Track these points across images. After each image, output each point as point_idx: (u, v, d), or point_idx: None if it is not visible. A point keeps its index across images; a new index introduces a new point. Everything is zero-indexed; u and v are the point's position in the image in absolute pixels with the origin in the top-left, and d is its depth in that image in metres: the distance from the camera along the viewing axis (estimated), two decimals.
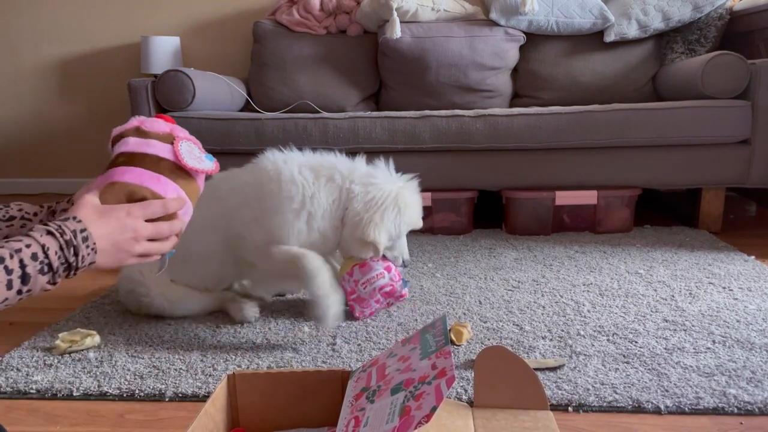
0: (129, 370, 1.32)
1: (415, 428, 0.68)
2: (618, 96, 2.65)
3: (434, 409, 0.69)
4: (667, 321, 1.50)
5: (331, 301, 1.38)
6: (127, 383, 1.26)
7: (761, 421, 1.08)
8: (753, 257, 1.99)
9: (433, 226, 2.41)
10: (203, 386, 1.24)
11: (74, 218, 0.79)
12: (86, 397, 1.23)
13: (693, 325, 1.46)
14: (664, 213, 2.71)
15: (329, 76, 2.84)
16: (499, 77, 2.75)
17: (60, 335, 1.44)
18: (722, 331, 1.43)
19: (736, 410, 1.10)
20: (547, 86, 2.75)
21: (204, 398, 1.20)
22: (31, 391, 1.25)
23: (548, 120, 2.27)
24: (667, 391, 1.16)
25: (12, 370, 1.33)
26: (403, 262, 1.63)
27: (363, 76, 2.87)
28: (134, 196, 0.88)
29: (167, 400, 1.21)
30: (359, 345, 1.41)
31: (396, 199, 1.51)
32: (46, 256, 0.75)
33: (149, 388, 1.24)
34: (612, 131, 2.25)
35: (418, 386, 0.76)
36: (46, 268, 0.75)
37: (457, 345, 1.39)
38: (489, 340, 1.42)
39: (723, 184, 2.30)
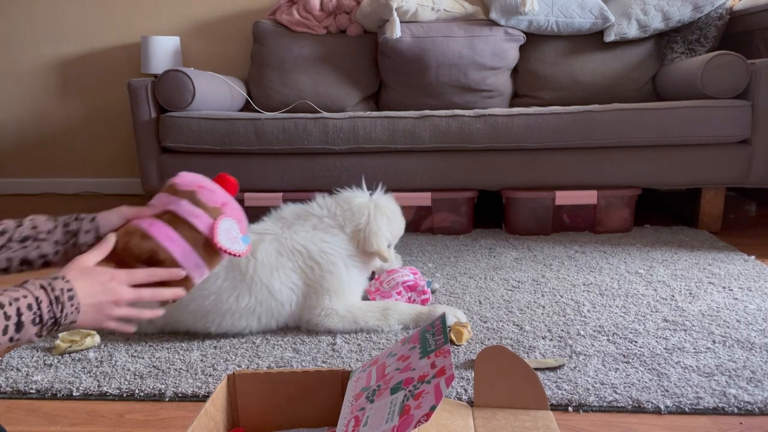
0: (129, 370, 1.32)
1: (415, 427, 0.68)
2: (618, 96, 2.65)
3: (434, 408, 0.69)
4: (667, 321, 1.50)
5: (443, 311, 1.49)
6: (127, 383, 1.26)
7: (761, 421, 1.08)
8: (753, 257, 1.99)
9: (433, 226, 2.41)
10: (203, 386, 1.24)
11: (62, 278, 0.83)
12: (86, 397, 1.23)
13: (693, 325, 1.46)
14: (664, 213, 2.71)
15: (329, 76, 2.84)
16: (499, 77, 2.75)
17: (60, 335, 1.44)
18: (722, 331, 1.43)
19: (736, 410, 1.10)
20: (547, 86, 2.75)
21: (204, 398, 1.20)
22: (31, 391, 1.25)
23: (548, 120, 2.27)
24: (667, 391, 1.16)
25: (12, 370, 1.33)
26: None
27: (363, 76, 2.87)
28: (155, 256, 0.90)
29: (167, 400, 1.21)
30: (359, 345, 1.41)
31: (380, 208, 1.58)
32: (39, 308, 0.78)
33: (149, 388, 1.24)
34: (612, 131, 2.25)
35: (418, 385, 0.76)
36: (37, 320, 0.78)
37: (457, 345, 1.39)
38: (489, 340, 1.42)
39: (723, 184, 2.30)
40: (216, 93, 2.62)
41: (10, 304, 0.76)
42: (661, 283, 1.77)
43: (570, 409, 1.13)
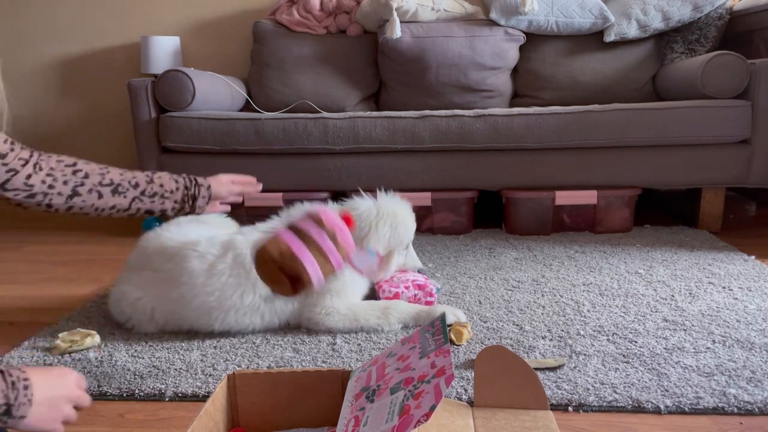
0: (129, 370, 1.32)
1: (415, 427, 0.68)
2: (618, 96, 2.65)
3: (433, 407, 0.69)
4: (667, 321, 1.50)
5: (443, 311, 1.50)
6: (127, 383, 1.26)
7: (761, 421, 1.08)
8: (753, 257, 1.99)
9: (433, 226, 2.41)
10: (203, 386, 1.24)
11: (20, 368, 0.82)
12: None
13: (693, 325, 1.46)
14: (664, 213, 2.71)
15: (329, 76, 2.84)
16: (499, 77, 2.75)
17: (60, 335, 1.44)
18: (722, 331, 1.43)
19: (736, 410, 1.10)
20: (547, 86, 2.75)
21: (204, 398, 1.20)
22: None
23: (548, 120, 2.27)
24: (667, 391, 1.16)
25: None
26: (418, 270, 1.71)
27: (363, 76, 2.87)
28: (299, 276, 1.09)
29: (167, 400, 1.21)
30: (359, 345, 1.41)
31: (382, 218, 1.57)
32: None
33: (149, 388, 1.24)
34: (612, 131, 2.25)
35: (418, 385, 0.76)
36: None
37: (457, 345, 1.39)
38: (489, 340, 1.42)
39: (723, 184, 2.30)
40: (216, 93, 2.62)
41: None
42: (661, 283, 1.77)
43: (570, 409, 1.13)
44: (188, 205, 1.20)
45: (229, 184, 1.30)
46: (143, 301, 1.49)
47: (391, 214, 1.58)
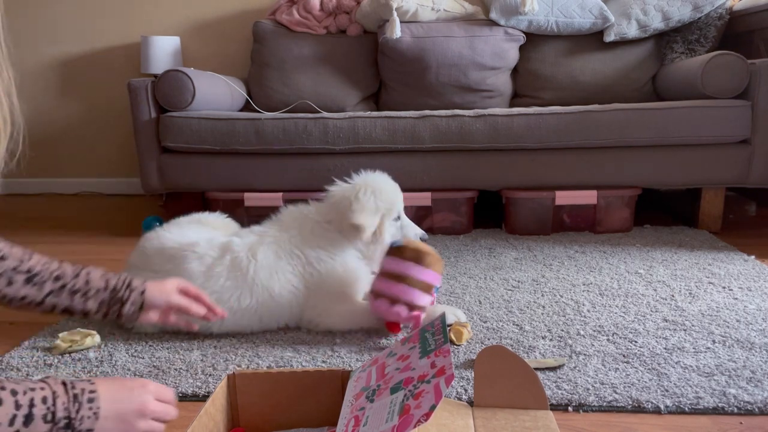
0: (129, 370, 1.32)
1: (415, 426, 0.68)
2: (618, 96, 2.65)
3: (433, 407, 0.69)
4: (667, 321, 1.50)
5: (443, 311, 1.49)
6: None
7: (761, 420, 1.08)
8: (753, 257, 1.99)
9: (433, 226, 2.41)
10: (203, 386, 1.24)
11: (88, 380, 0.79)
12: None
13: (693, 325, 1.46)
14: (664, 213, 2.71)
15: (329, 76, 2.84)
16: (499, 77, 2.75)
17: (60, 335, 1.44)
18: (722, 330, 1.43)
19: (736, 410, 1.10)
20: (547, 86, 2.75)
21: (204, 398, 1.20)
22: None
23: (548, 120, 2.27)
24: (667, 390, 1.16)
25: (12, 370, 1.33)
26: (420, 238, 1.66)
27: (363, 76, 2.87)
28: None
29: None
30: (359, 345, 1.41)
31: (360, 188, 1.55)
32: (54, 404, 0.73)
33: None
34: (612, 131, 2.25)
35: (418, 385, 0.76)
36: (49, 416, 0.73)
37: (457, 345, 1.39)
38: (489, 340, 1.42)
39: (723, 184, 2.30)
40: (216, 93, 2.62)
41: (25, 393, 0.71)
42: (661, 283, 1.77)
43: (570, 409, 1.13)
44: (114, 310, 1.04)
45: (173, 293, 1.12)
46: None
47: (368, 183, 1.57)
